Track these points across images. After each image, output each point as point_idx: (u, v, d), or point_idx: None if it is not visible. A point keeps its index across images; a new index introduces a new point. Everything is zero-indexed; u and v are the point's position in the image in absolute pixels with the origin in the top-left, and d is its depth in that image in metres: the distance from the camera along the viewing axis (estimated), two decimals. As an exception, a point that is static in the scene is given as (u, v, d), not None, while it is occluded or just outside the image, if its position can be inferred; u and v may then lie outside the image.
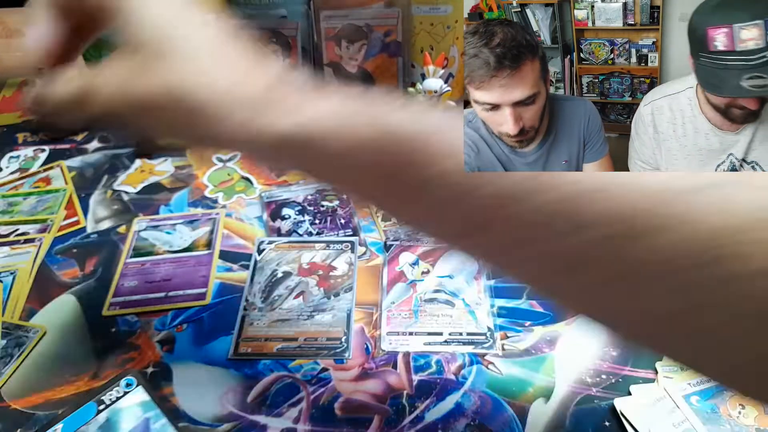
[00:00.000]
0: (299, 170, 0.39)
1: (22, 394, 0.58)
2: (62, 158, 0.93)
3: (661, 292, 0.25)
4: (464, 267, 0.70)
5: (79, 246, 0.76)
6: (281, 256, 0.72)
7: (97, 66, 0.39)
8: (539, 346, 0.61)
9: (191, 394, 0.58)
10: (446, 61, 0.93)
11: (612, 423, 0.54)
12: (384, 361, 0.60)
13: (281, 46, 0.92)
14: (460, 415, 0.55)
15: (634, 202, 0.25)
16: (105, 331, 0.64)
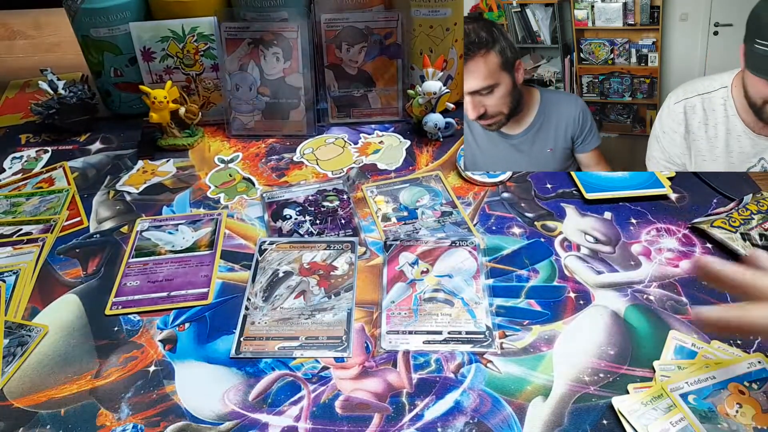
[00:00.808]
0: None
1: (25, 393, 0.59)
2: (65, 159, 0.93)
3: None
4: (463, 266, 0.70)
5: (81, 246, 0.76)
6: (282, 256, 0.72)
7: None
8: (537, 345, 0.61)
9: (193, 393, 0.58)
10: (445, 64, 0.94)
11: (610, 421, 0.54)
12: (384, 360, 0.61)
13: (282, 49, 0.92)
14: (459, 413, 0.55)
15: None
16: (107, 331, 0.65)
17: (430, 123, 0.92)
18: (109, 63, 0.97)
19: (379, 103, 0.99)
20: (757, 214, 0.74)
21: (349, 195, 0.82)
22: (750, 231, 0.72)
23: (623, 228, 0.76)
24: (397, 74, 0.97)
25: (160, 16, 0.94)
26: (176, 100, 0.91)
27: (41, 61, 1.29)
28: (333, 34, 0.94)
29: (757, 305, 0.45)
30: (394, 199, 0.82)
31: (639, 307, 0.65)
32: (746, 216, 0.74)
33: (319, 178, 0.87)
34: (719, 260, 0.49)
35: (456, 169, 0.87)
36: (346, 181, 0.85)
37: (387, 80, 0.98)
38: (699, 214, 0.77)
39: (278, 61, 0.93)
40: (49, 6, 1.52)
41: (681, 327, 0.63)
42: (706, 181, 0.83)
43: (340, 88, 0.98)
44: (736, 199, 0.78)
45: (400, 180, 0.86)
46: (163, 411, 0.57)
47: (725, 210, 0.76)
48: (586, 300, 0.66)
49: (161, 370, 0.60)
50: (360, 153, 0.92)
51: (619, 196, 0.80)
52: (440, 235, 0.75)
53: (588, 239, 0.74)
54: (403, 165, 0.89)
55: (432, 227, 0.77)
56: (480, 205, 0.81)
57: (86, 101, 0.98)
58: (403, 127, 0.98)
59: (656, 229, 0.76)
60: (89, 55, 0.98)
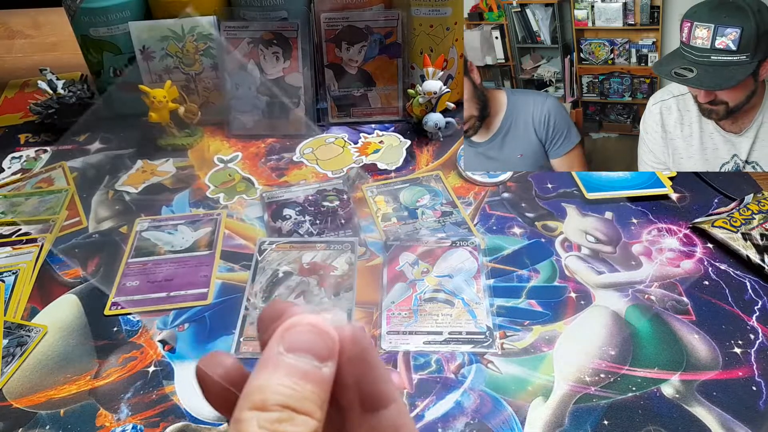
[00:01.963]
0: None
1: (24, 393, 0.59)
2: (64, 159, 0.93)
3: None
4: (463, 267, 0.70)
5: (81, 246, 0.76)
6: (282, 256, 0.72)
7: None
8: (538, 345, 0.61)
9: (193, 393, 0.58)
10: (446, 63, 0.94)
11: (611, 421, 0.54)
12: (384, 360, 0.60)
13: (282, 48, 0.92)
14: (459, 414, 0.55)
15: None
16: (107, 331, 0.65)
17: (430, 123, 0.91)
18: (109, 63, 0.97)
19: (379, 103, 0.99)
20: (758, 214, 0.74)
21: (349, 195, 0.82)
22: (751, 231, 0.72)
23: (624, 228, 0.76)
24: (397, 74, 0.97)
25: (160, 15, 0.93)
26: (176, 99, 0.91)
27: (40, 61, 1.29)
28: (333, 33, 0.94)
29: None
30: (394, 199, 0.82)
31: (640, 307, 0.65)
32: (747, 216, 0.74)
33: (319, 178, 0.87)
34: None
35: (456, 169, 0.87)
36: (346, 181, 0.85)
37: (387, 80, 0.98)
38: (700, 214, 0.77)
39: (278, 61, 0.93)
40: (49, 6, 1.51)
41: (683, 327, 0.63)
42: (707, 181, 0.83)
43: (340, 88, 0.98)
44: (737, 199, 0.78)
45: (400, 180, 0.85)
46: (163, 411, 0.56)
47: (726, 210, 0.76)
48: (586, 300, 0.66)
49: (161, 370, 0.60)
50: (360, 153, 0.92)
51: (620, 195, 0.80)
52: (440, 235, 0.75)
53: (589, 239, 0.74)
54: (403, 165, 0.89)
55: (432, 227, 0.76)
56: (480, 205, 0.80)
57: (85, 101, 0.98)
58: (403, 127, 0.98)
59: (657, 229, 0.75)
60: (89, 54, 0.97)
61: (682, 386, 0.57)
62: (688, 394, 0.56)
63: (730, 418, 0.54)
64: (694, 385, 0.57)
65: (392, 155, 0.91)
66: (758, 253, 0.69)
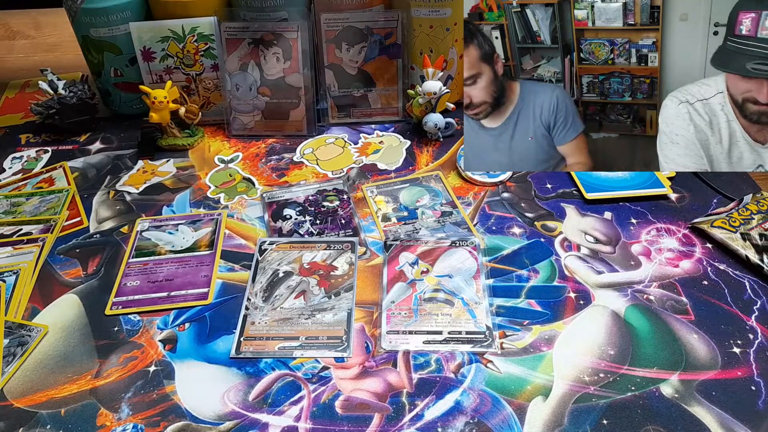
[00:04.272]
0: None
1: (25, 393, 0.59)
2: (65, 159, 0.93)
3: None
4: (463, 266, 0.70)
5: (81, 246, 0.76)
6: (282, 256, 0.72)
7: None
8: (537, 345, 0.61)
9: (193, 393, 0.58)
10: (445, 64, 0.94)
11: (610, 421, 0.54)
12: (384, 360, 0.61)
13: (282, 49, 0.92)
14: (459, 413, 0.55)
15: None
16: (107, 331, 0.65)
17: (430, 123, 0.92)
18: (109, 63, 0.97)
19: (379, 103, 0.99)
20: (757, 214, 0.74)
21: (349, 195, 0.82)
22: (750, 231, 0.72)
23: (623, 228, 0.76)
24: (397, 74, 0.97)
25: (160, 16, 0.94)
26: (176, 100, 0.91)
27: (41, 61, 1.29)
28: (333, 33, 0.94)
29: None
30: (394, 199, 0.82)
31: (639, 307, 0.65)
32: (746, 216, 0.74)
33: (319, 178, 0.87)
34: None
35: (456, 169, 0.87)
36: (346, 181, 0.85)
37: (387, 80, 0.98)
38: (699, 214, 0.77)
39: (278, 61, 0.93)
40: (49, 6, 1.52)
41: (682, 327, 0.63)
42: (706, 181, 0.83)
43: (340, 88, 0.98)
44: (736, 199, 0.78)
45: (400, 180, 0.86)
46: (163, 411, 0.57)
47: (725, 210, 0.76)
48: (586, 300, 0.66)
49: (161, 370, 0.60)
50: (360, 153, 0.92)
51: (620, 196, 0.80)
52: (440, 235, 0.75)
53: (588, 239, 0.74)
54: (403, 165, 0.89)
55: (432, 227, 0.77)
56: (480, 205, 0.81)
57: (86, 101, 0.98)
58: (403, 127, 0.98)
59: (656, 229, 0.76)
60: (89, 55, 0.98)
61: (681, 386, 0.57)
62: (687, 393, 0.57)
63: (729, 418, 0.54)
64: (693, 384, 0.57)
65: (392, 155, 0.92)
66: (757, 253, 0.69)
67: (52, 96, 0.95)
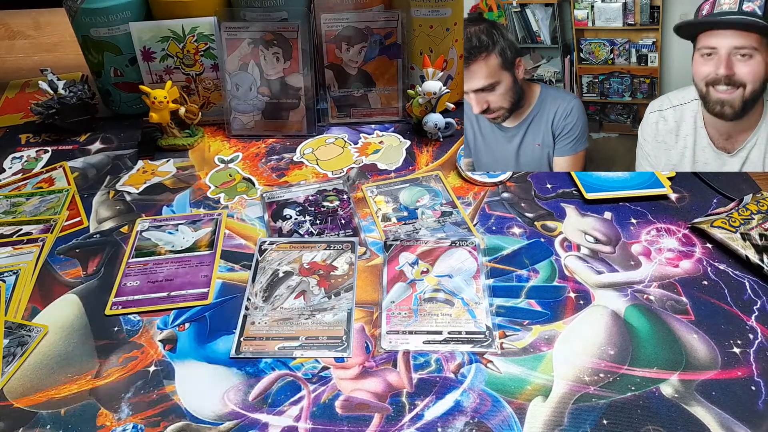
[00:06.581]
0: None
1: (25, 393, 0.59)
2: (65, 159, 0.93)
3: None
4: (463, 266, 0.70)
5: (81, 246, 0.76)
6: (282, 256, 0.72)
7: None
8: (537, 345, 0.61)
9: (193, 393, 0.58)
10: (445, 64, 0.94)
11: (610, 421, 0.54)
12: (384, 360, 0.61)
13: (282, 49, 0.92)
14: (459, 413, 0.55)
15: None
16: (107, 331, 0.65)
17: (430, 123, 0.92)
18: (109, 63, 0.97)
19: (379, 103, 0.99)
20: (757, 214, 0.74)
21: (349, 195, 0.82)
22: (750, 231, 0.72)
23: (623, 228, 0.76)
24: (397, 74, 0.97)
25: (160, 16, 0.94)
26: (176, 100, 0.91)
27: (41, 61, 1.29)
28: (333, 34, 0.94)
29: None
30: (394, 199, 0.82)
31: (639, 307, 0.65)
32: (746, 216, 0.74)
33: (319, 178, 0.87)
34: None
35: (456, 169, 0.87)
36: (346, 181, 0.85)
37: (387, 80, 0.98)
38: (699, 214, 0.77)
39: (278, 61, 0.93)
40: (49, 6, 1.52)
41: (682, 327, 0.63)
42: (706, 181, 0.83)
43: (340, 88, 0.98)
44: (736, 199, 0.78)
45: (400, 180, 0.86)
46: (163, 411, 0.56)
47: (725, 210, 0.76)
48: (586, 300, 0.66)
49: (161, 370, 0.60)
50: (360, 153, 0.92)
51: (619, 196, 0.80)
52: (440, 235, 0.75)
53: (588, 239, 0.74)
54: (403, 165, 0.89)
55: (432, 227, 0.77)
56: (480, 205, 0.81)
57: (86, 101, 0.98)
58: (403, 127, 0.98)
59: (656, 229, 0.76)
60: (89, 55, 0.98)
61: (681, 386, 0.57)
62: (687, 393, 0.56)
63: (729, 418, 0.54)
64: (693, 384, 0.57)
65: (392, 155, 0.92)
66: (757, 253, 0.69)
67: (52, 96, 0.95)
